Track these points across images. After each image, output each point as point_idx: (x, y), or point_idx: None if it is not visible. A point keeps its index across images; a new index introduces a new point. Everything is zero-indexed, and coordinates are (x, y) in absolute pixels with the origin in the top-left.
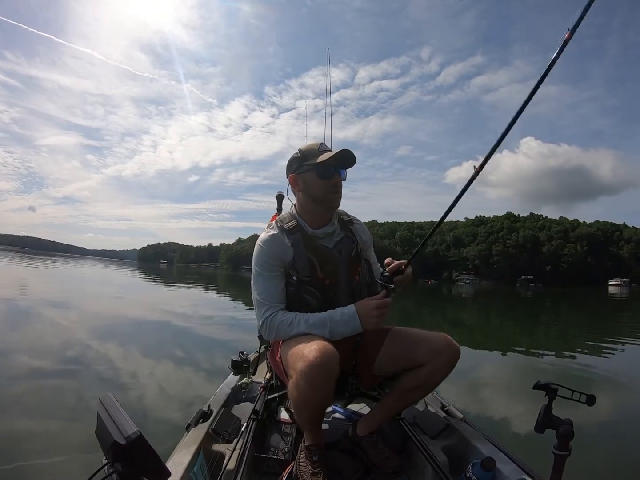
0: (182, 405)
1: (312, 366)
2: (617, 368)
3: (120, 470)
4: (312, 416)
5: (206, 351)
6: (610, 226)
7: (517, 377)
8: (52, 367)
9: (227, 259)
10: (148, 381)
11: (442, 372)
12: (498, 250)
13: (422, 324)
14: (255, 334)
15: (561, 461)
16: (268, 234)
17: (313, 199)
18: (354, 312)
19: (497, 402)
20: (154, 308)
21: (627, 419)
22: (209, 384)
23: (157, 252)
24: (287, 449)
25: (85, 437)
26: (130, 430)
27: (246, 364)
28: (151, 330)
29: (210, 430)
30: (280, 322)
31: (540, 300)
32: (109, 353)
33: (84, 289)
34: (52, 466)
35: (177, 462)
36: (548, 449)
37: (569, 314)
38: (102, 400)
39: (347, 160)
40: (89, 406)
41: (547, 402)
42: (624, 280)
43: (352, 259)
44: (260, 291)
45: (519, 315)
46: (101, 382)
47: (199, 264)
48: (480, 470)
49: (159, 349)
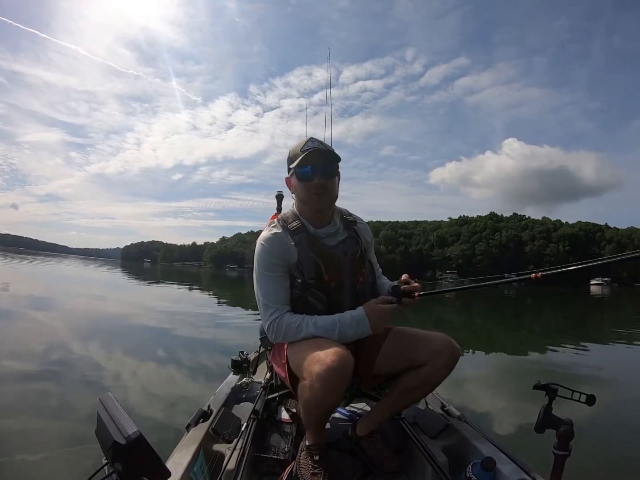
0: (182, 405)
1: (329, 369)
2: (601, 365)
3: (120, 470)
4: (320, 418)
5: (205, 351)
6: (592, 227)
7: (512, 376)
8: (51, 367)
9: (210, 258)
10: (148, 381)
11: (443, 372)
12: (481, 250)
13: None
14: (253, 334)
15: (561, 461)
16: (271, 232)
17: (302, 201)
18: (364, 316)
19: (497, 402)
20: (143, 308)
21: (619, 417)
22: (209, 384)
23: (140, 250)
24: (287, 448)
25: (85, 437)
26: (130, 430)
27: (246, 363)
28: (146, 331)
29: (210, 430)
30: (288, 324)
31: (523, 300)
32: (106, 354)
33: (79, 289)
34: (52, 466)
35: (177, 462)
36: (548, 449)
37: (552, 313)
38: (102, 400)
39: (324, 159)
40: (88, 407)
41: (547, 402)
42: (606, 280)
43: (357, 260)
44: (265, 292)
45: (505, 315)
46: (100, 383)
47: (182, 262)
48: (480, 470)
49: (158, 349)
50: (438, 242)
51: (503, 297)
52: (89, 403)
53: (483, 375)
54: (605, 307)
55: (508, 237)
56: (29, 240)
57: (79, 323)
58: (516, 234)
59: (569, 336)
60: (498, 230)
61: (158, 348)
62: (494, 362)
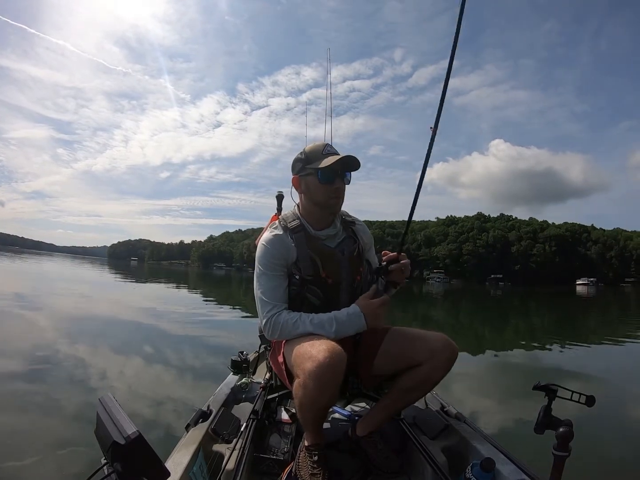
0: (182, 405)
1: (321, 366)
2: (594, 364)
3: (120, 470)
4: (316, 417)
5: (204, 352)
6: (578, 227)
7: (511, 376)
8: (51, 367)
9: (198, 257)
10: (147, 381)
11: (441, 371)
12: (468, 249)
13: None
14: (252, 334)
15: (561, 462)
16: (272, 233)
17: (314, 202)
18: (360, 312)
19: (496, 402)
20: (136, 307)
21: (617, 417)
22: (208, 384)
23: (127, 249)
24: (286, 449)
25: (85, 438)
26: (130, 430)
27: (246, 363)
28: (142, 331)
29: (209, 430)
30: (285, 321)
31: (509, 299)
32: (105, 354)
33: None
34: (52, 466)
35: (176, 462)
36: (548, 450)
37: (539, 313)
38: (102, 400)
39: (350, 166)
40: (87, 407)
41: (547, 403)
42: (591, 280)
43: (354, 259)
44: (264, 290)
45: (493, 314)
46: (99, 383)
47: (170, 261)
48: (480, 471)
49: (157, 350)
50: (425, 242)
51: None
52: (90, 404)
53: (481, 374)
54: (591, 307)
55: (495, 237)
56: (15, 238)
57: (70, 323)
58: (503, 234)
59: (566, 335)
60: (485, 230)
61: (157, 348)
62: (493, 361)
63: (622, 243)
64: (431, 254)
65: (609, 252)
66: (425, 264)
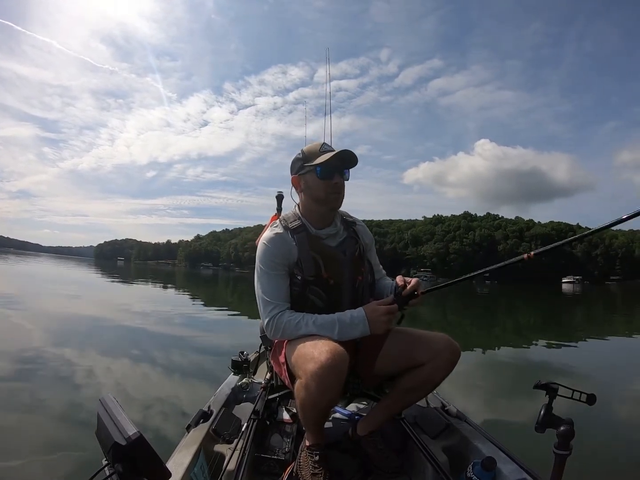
0: (182, 405)
1: (323, 367)
2: (577, 360)
3: (121, 471)
4: (318, 417)
5: (205, 352)
6: (564, 226)
7: (510, 375)
8: (49, 367)
9: (185, 256)
10: (147, 382)
11: (443, 371)
12: (455, 248)
13: None
14: (249, 333)
15: (562, 461)
16: (273, 232)
17: (315, 200)
18: (364, 316)
19: (497, 401)
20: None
21: (617, 415)
22: (209, 384)
23: (114, 248)
24: (287, 449)
25: (85, 438)
26: (131, 431)
27: (246, 364)
28: (138, 332)
29: (210, 431)
30: (287, 321)
31: (495, 297)
32: (103, 355)
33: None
34: (52, 466)
35: (177, 462)
36: (549, 449)
37: (526, 311)
38: (102, 401)
39: (348, 160)
40: (87, 407)
41: (548, 402)
42: (577, 278)
43: (356, 259)
44: (265, 289)
45: (479, 312)
46: (99, 383)
47: (157, 261)
48: (481, 470)
49: (156, 350)
50: (412, 241)
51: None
52: (90, 404)
53: (478, 373)
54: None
55: (481, 236)
56: (1, 238)
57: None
58: (489, 233)
59: (552, 333)
60: (472, 229)
61: (157, 349)
62: (483, 358)
63: (607, 242)
64: (418, 252)
65: (594, 251)
66: (412, 262)
